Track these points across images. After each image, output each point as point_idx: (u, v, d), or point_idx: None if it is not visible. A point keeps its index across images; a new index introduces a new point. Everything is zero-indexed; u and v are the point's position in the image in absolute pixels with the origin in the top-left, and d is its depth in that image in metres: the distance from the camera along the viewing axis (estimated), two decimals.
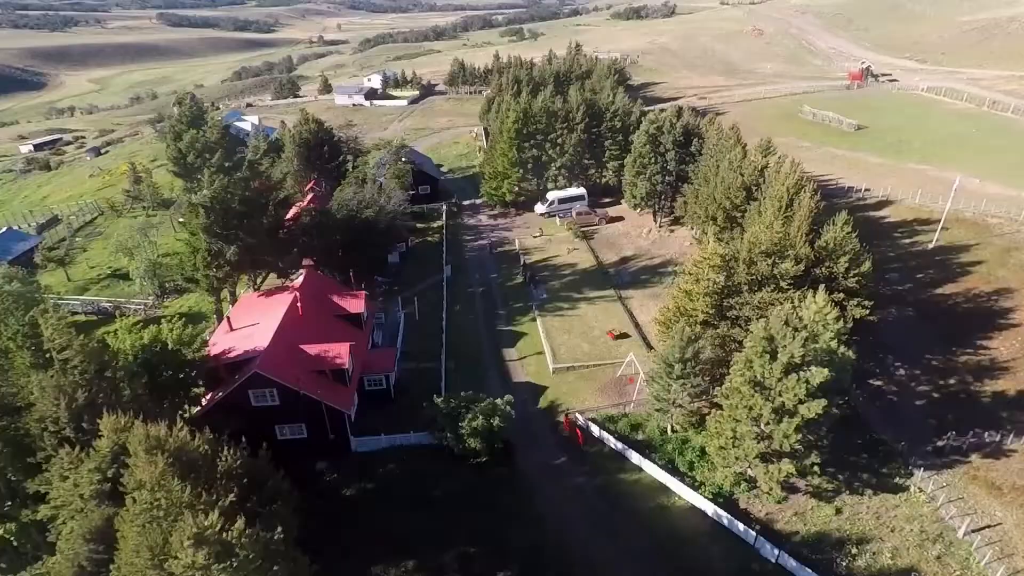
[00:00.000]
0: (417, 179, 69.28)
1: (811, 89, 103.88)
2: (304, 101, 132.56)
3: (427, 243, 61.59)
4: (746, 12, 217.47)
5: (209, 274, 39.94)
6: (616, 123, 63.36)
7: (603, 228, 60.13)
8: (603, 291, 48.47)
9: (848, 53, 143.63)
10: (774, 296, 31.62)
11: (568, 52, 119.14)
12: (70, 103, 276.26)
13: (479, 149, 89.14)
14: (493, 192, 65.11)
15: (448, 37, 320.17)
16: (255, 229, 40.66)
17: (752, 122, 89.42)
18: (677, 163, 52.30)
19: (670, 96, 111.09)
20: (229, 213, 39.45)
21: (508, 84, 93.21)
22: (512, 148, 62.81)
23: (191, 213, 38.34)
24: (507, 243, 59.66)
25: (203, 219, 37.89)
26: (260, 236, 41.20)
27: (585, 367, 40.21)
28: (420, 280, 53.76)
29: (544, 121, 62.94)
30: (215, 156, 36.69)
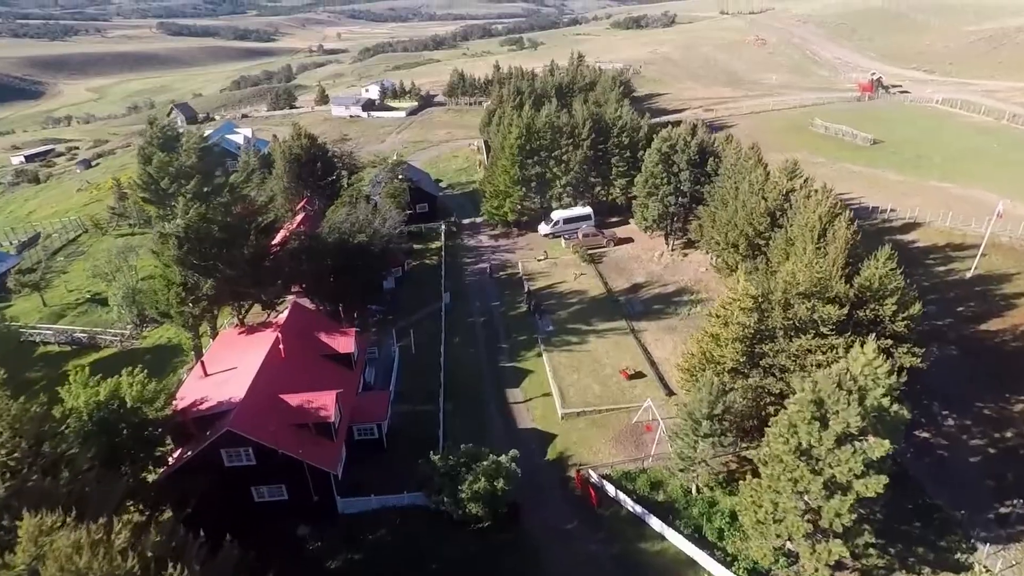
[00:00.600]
0: (415, 197, 65.63)
1: (820, 101, 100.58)
2: (300, 112, 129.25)
3: (425, 266, 57.83)
4: (747, 22, 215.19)
5: (184, 310, 36.17)
6: (624, 139, 59.80)
7: (611, 251, 56.41)
8: (614, 322, 44.67)
9: (854, 63, 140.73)
10: (814, 343, 27.86)
11: (570, 63, 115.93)
12: (67, 112, 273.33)
13: (479, 163, 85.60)
14: (494, 211, 61.45)
15: (448, 46, 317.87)
16: (236, 260, 36.89)
17: (761, 135, 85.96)
18: (692, 184, 48.68)
19: (675, 107, 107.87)
20: (206, 243, 35.71)
21: (509, 96, 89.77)
22: (514, 165, 59.20)
23: (163, 244, 34.57)
24: (509, 266, 55.92)
25: (176, 251, 34.13)
26: (242, 267, 37.42)
27: (597, 412, 36.38)
28: (417, 308, 49.98)
29: (548, 137, 59.36)
30: (191, 182, 32.64)
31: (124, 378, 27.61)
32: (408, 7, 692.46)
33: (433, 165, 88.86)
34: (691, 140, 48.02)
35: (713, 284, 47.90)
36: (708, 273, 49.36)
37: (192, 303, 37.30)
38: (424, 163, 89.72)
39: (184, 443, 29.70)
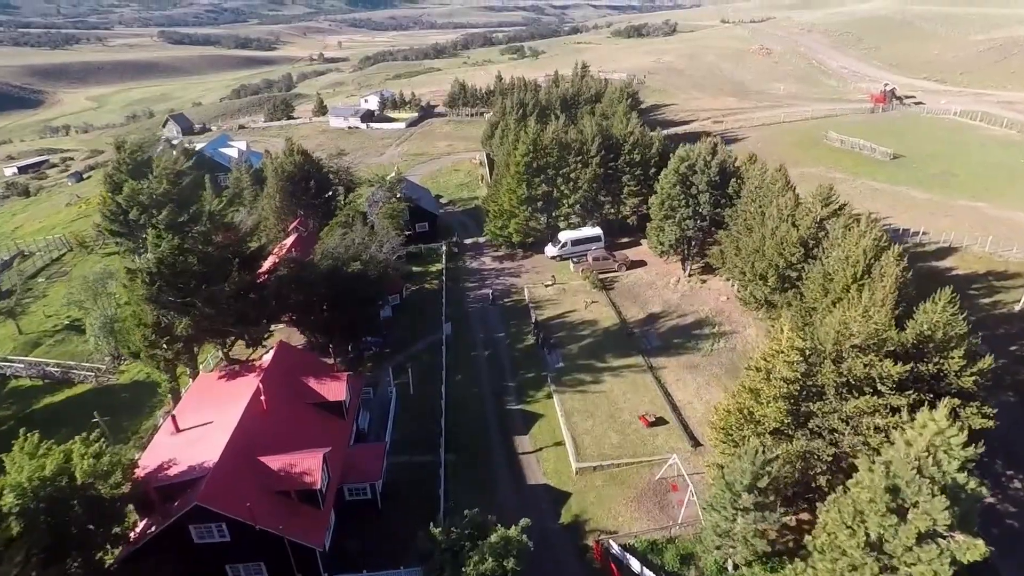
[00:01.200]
0: (414, 216, 62.01)
1: (832, 112, 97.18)
2: (298, 123, 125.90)
3: (425, 291, 54.08)
4: (750, 31, 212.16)
5: (156, 353, 32.42)
6: (635, 156, 56.20)
7: (623, 275, 52.67)
8: (629, 358, 40.86)
9: (862, 73, 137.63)
10: (871, 403, 24.08)
11: (574, 73, 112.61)
12: (65, 121, 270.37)
13: (480, 178, 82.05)
14: (498, 232, 57.76)
15: (448, 55, 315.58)
16: (216, 295, 33.18)
17: (774, 148, 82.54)
18: (711, 207, 45.00)
19: (682, 119, 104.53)
20: (182, 278, 32.04)
21: (512, 108, 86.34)
22: (520, 184, 55.59)
23: (132, 280, 30.85)
24: (514, 292, 52.17)
25: (147, 288, 30.41)
26: (223, 302, 33.72)
27: (616, 466, 32.54)
28: (416, 338, 46.22)
29: (556, 154, 55.75)
30: (164, 212, 28.92)
31: (76, 446, 23.76)
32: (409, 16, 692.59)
33: (433, 179, 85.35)
34: (711, 160, 44.36)
35: (736, 315, 44.14)
36: (730, 303, 45.61)
37: (166, 345, 33.56)
38: (424, 177, 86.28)
39: (149, 514, 25.88)
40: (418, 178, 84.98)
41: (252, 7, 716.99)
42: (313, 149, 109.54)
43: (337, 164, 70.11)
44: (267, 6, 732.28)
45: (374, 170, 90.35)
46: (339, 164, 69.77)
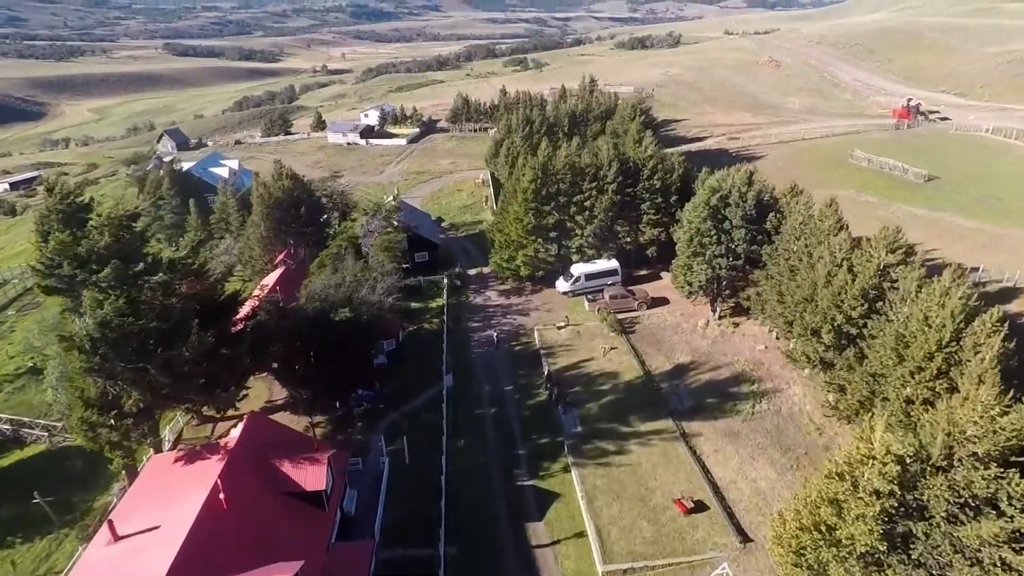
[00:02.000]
0: (413, 245, 56.70)
1: (853, 129, 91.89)
2: (296, 139, 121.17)
3: (424, 332, 48.59)
4: (757, 43, 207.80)
5: (100, 434, 26.96)
6: (655, 182, 50.83)
7: (644, 315, 47.13)
8: (658, 421, 35.27)
9: (877, 86, 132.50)
10: (995, 528, 18.45)
11: (582, 88, 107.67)
12: (66, 134, 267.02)
13: (484, 200, 76.81)
14: (504, 265, 52.36)
15: (451, 67, 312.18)
16: (174, 360, 27.76)
17: (796, 168, 77.22)
18: (747, 243, 39.51)
19: (695, 135, 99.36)
20: (132, 341, 26.64)
21: (518, 125, 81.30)
22: (528, 213, 50.24)
23: (68, 349, 25.46)
24: (523, 334, 46.65)
25: (85, 360, 25.00)
26: (184, 367, 28.30)
27: (650, 568, 26.87)
28: (414, 391, 40.67)
29: (568, 180, 50.44)
30: (106, 268, 23.57)
31: None
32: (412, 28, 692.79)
33: (435, 200, 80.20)
34: (747, 191, 38.91)
35: (777, 368, 38.54)
36: (769, 352, 40.01)
37: (113, 423, 28.06)
38: (425, 198, 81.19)
39: None
40: (419, 200, 79.93)
41: (257, 19, 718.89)
42: (311, 166, 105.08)
43: (331, 187, 65.08)
44: (272, 18, 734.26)
45: (372, 190, 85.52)
46: (333, 187, 64.70)
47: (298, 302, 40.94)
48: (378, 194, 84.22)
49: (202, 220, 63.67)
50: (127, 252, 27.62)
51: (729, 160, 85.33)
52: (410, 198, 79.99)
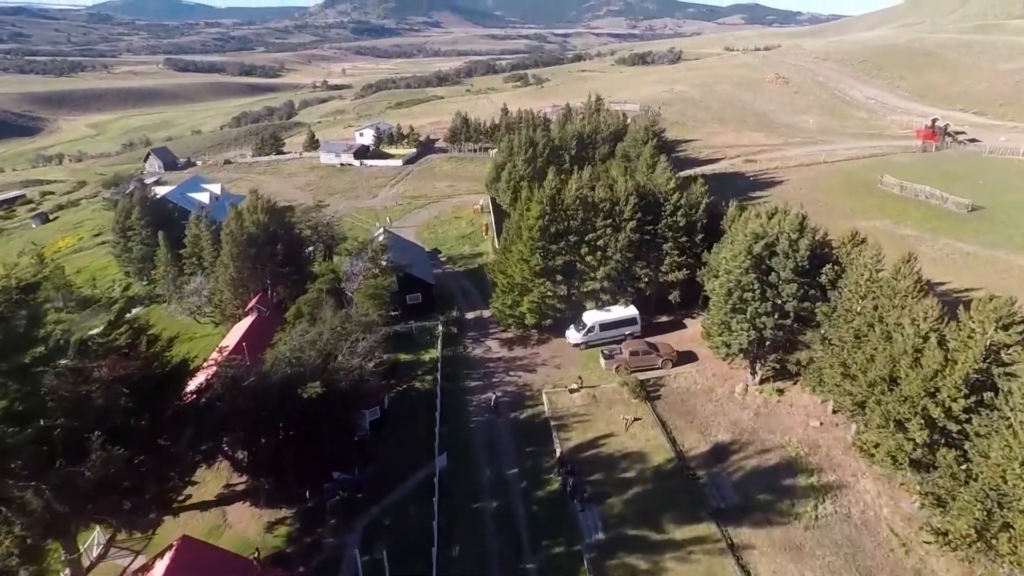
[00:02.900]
0: (405, 286, 49.96)
1: (877, 151, 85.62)
2: (288, 159, 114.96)
3: (414, 392, 41.66)
4: (761, 59, 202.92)
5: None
6: (679, 219, 44.23)
7: (670, 375, 40.28)
8: (697, 525, 28.29)
9: (891, 104, 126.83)
10: None
11: (587, 107, 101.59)
12: (61, 150, 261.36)
13: (484, 228, 70.24)
14: (508, 312, 45.55)
15: (451, 82, 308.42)
16: (75, 479, 20.90)
17: (821, 195, 70.81)
18: (798, 300, 32.79)
19: (707, 157, 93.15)
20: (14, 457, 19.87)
21: (521, 147, 74.97)
22: (535, 253, 43.58)
23: None
24: (529, 396, 39.77)
25: None
26: (90, 485, 21.46)
27: None
28: (400, 474, 33.71)
29: (580, 216, 43.88)
30: None
31: None
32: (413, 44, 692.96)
33: (431, 229, 73.63)
34: (798, 239, 32.26)
35: (838, 452, 31.61)
36: (826, 431, 33.11)
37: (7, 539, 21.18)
38: (420, 226, 74.65)
39: None
40: (413, 228, 73.44)
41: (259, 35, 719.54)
42: (301, 188, 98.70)
43: (315, 218, 58.41)
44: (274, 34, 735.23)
45: (364, 216, 79.07)
46: (317, 218, 58.04)
47: (263, 367, 34.17)
48: (370, 220, 77.97)
49: (172, 254, 56.96)
50: (17, 335, 20.88)
51: (747, 185, 79.18)
52: (404, 226, 73.56)
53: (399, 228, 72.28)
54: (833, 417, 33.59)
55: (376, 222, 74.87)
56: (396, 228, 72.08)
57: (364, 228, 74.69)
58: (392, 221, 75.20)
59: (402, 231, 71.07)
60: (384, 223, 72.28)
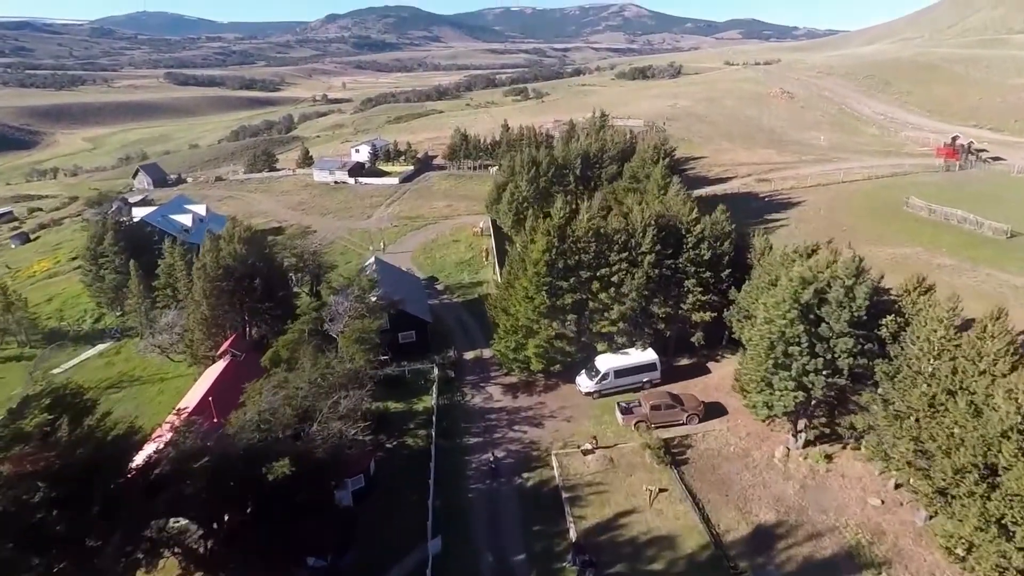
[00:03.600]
0: (398, 323, 44.88)
1: (898, 170, 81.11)
2: (280, 176, 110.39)
3: (405, 451, 36.45)
4: (763, 73, 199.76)
5: None
6: (703, 252, 39.33)
7: (698, 433, 35.11)
8: None
9: (902, 120, 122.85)
10: None
11: (592, 123, 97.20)
12: (57, 163, 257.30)
13: (485, 254, 65.32)
14: (512, 356, 40.49)
15: (451, 96, 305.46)
16: None
17: (844, 217, 66.08)
18: (854, 356, 27.75)
19: (717, 175, 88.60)
20: None
21: (523, 167, 70.37)
22: (541, 291, 38.60)
23: None
24: (536, 457, 34.58)
25: None
26: None
27: None
28: (385, 561, 28.46)
29: (592, 250, 38.97)
30: None
31: None
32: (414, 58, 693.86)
33: (427, 253, 68.67)
34: (854, 286, 27.29)
35: (908, 543, 26.33)
36: (889, 512, 27.90)
37: None
38: (416, 251, 69.72)
39: None
40: (408, 254, 68.49)
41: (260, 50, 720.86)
42: (293, 207, 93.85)
43: (300, 246, 53.45)
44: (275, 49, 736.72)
45: (356, 239, 74.21)
46: (303, 246, 53.07)
47: (227, 432, 29.07)
48: (363, 244, 73.13)
49: (145, 284, 51.96)
50: None
51: (762, 206, 74.49)
52: (399, 252, 68.64)
53: (393, 253, 67.43)
54: (896, 494, 28.42)
55: (370, 246, 70.08)
56: (390, 253, 67.28)
57: (357, 252, 69.88)
58: (386, 246, 70.35)
59: (397, 257, 66.23)
60: (377, 248, 67.46)
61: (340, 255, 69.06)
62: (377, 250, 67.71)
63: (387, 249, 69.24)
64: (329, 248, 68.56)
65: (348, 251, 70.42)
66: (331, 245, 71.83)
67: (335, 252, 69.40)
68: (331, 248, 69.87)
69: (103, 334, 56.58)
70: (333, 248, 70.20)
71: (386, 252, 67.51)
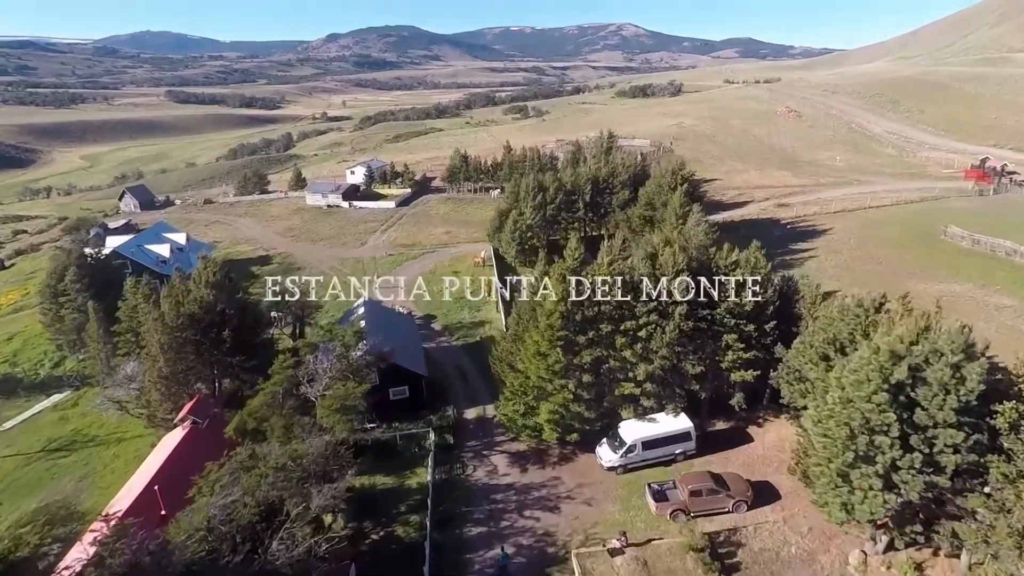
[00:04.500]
0: (389, 377, 38.74)
1: (927, 194, 75.57)
2: (272, 199, 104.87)
3: (393, 545, 30.11)
4: (767, 92, 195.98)
5: None
6: (744, 301, 33.40)
7: (748, 527, 28.84)
8: None
9: (917, 139, 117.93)
10: None
11: (599, 145, 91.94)
12: (51, 182, 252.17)
13: (488, 288, 59.36)
14: (521, 421, 34.37)
15: (451, 114, 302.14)
16: None
17: (876, 248, 60.33)
18: (960, 453, 21.68)
19: (732, 199, 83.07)
20: None
21: (528, 192, 64.81)
22: (555, 348, 32.60)
23: None
24: (552, 554, 28.30)
25: None
26: None
27: None
28: None
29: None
30: None
31: None
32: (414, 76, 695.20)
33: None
34: (962, 363, 21.34)
35: None
36: None
37: None
38: (412, 283, 63.69)
39: None
40: (403, 281, 62.58)
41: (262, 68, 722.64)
42: (282, 233, 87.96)
43: (281, 285, 47.47)
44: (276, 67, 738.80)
45: (348, 269, 68.31)
46: (283, 286, 47.04)
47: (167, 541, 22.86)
48: (357, 273, 67.21)
49: (106, 327, 45.89)
50: None
51: (785, 235, 68.80)
52: (393, 286, 62.63)
53: (387, 289, 61.54)
54: None
55: (363, 276, 64.18)
56: (383, 288, 61.39)
57: (348, 283, 63.93)
58: (379, 278, 64.47)
59: (390, 292, 60.37)
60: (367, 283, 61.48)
61: (330, 290, 63.11)
62: (366, 287, 61.89)
63: (379, 283, 63.37)
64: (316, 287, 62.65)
65: (339, 283, 64.38)
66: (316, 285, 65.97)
67: (325, 285, 63.46)
68: (320, 285, 63.96)
69: (61, 381, 50.39)
70: (323, 283, 64.24)
71: (378, 286, 61.69)
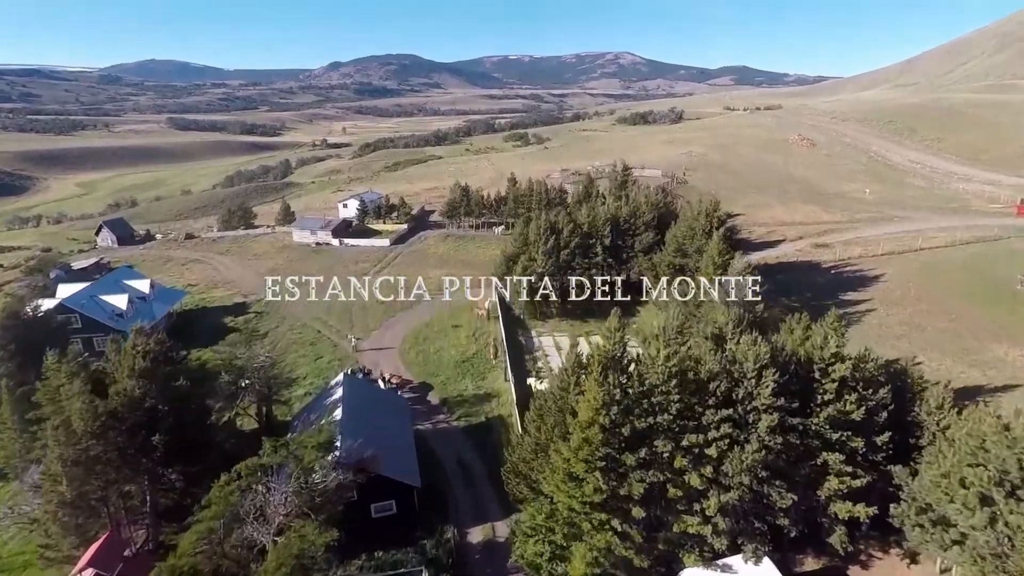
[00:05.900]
0: (370, 491, 29.34)
1: (982, 233, 66.92)
2: (257, 234, 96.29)
3: None
4: (773, 119, 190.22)
5: None
6: (849, 404, 24.34)
7: None
8: None
9: (943, 169, 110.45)
10: None
11: (612, 177, 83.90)
12: (42, 210, 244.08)
13: (494, 350, 50.23)
14: (546, 569, 24.97)
15: (451, 141, 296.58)
16: None
17: (943, 299, 51.60)
18: None
19: (762, 238, 74.62)
20: None
21: (540, 235, 56.19)
22: (593, 471, 23.42)
23: None
24: None
25: None
26: None
27: None
28: None
29: (675, 405, 24.01)
30: None
31: None
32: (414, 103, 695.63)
33: (419, 344, 53.49)
34: None
35: None
36: None
37: None
38: (405, 340, 54.57)
39: None
40: (394, 348, 53.31)
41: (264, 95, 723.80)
42: (266, 273, 79.51)
43: (246, 358, 38.24)
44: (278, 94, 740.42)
45: (335, 320, 59.21)
46: (247, 363, 37.69)
47: None
48: (342, 327, 57.99)
49: (22, 412, 36.44)
50: None
51: (829, 282, 59.79)
52: (382, 346, 53.48)
53: (373, 350, 52.44)
54: None
55: (349, 336, 55.01)
56: (370, 350, 52.26)
57: (331, 341, 54.87)
58: (368, 333, 55.40)
59: (378, 355, 51.28)
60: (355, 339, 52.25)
61: (310, 345, 54.06)
62: (353, 343, 52.91)
63: (370, 337, 54.43)
64: (294, 343, 53.64)
65: (320, 339, 55.33)
66: (301, 330, 56.92)
67: (304, 343, 54.41)
68: (299, 339, 54.93)
69: None
70: (301, 338, 55.19)
71: (365, 348, 52.71)
